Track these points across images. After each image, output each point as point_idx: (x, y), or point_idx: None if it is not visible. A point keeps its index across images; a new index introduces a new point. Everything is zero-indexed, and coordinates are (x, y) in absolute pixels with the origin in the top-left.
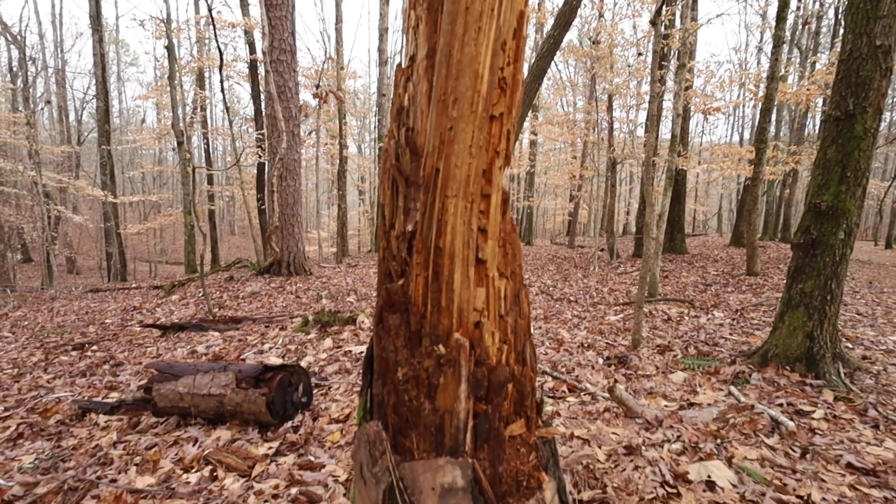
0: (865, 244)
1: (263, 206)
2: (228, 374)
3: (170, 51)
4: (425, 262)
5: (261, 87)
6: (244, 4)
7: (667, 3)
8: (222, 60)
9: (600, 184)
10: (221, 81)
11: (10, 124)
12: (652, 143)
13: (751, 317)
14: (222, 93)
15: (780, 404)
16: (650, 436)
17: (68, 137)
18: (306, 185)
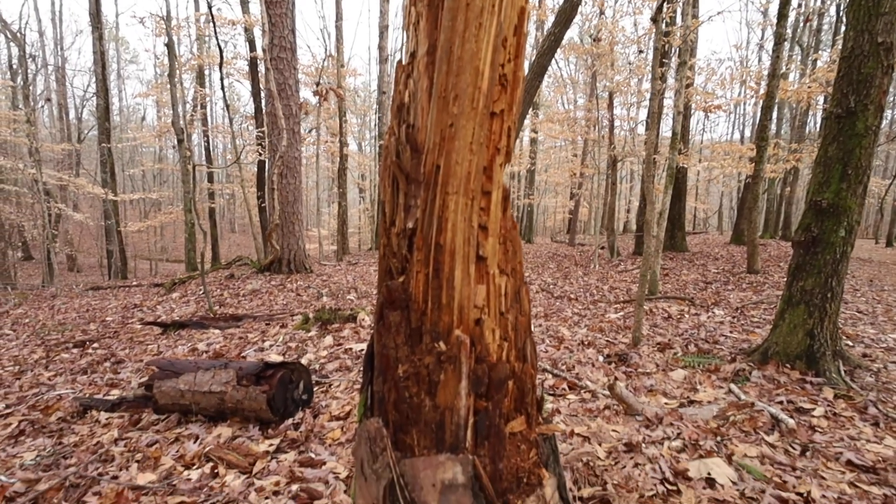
0: (866, 242)
1: (264, 204)
2: (229, 372)
3: (170, 48)
4: (426, 259)
5: (261, 85)
6: (244, 2)
7: (668, 0)
8: (222, 58)
9: (601, 182)
10: (221, 79)
11: (11, 122)
12: (653, 140)
13: (751, 315)
14: (222, 90)
15: (781, 402)
16: (650, 433)
17: (68, 135)
18: (307, 183)
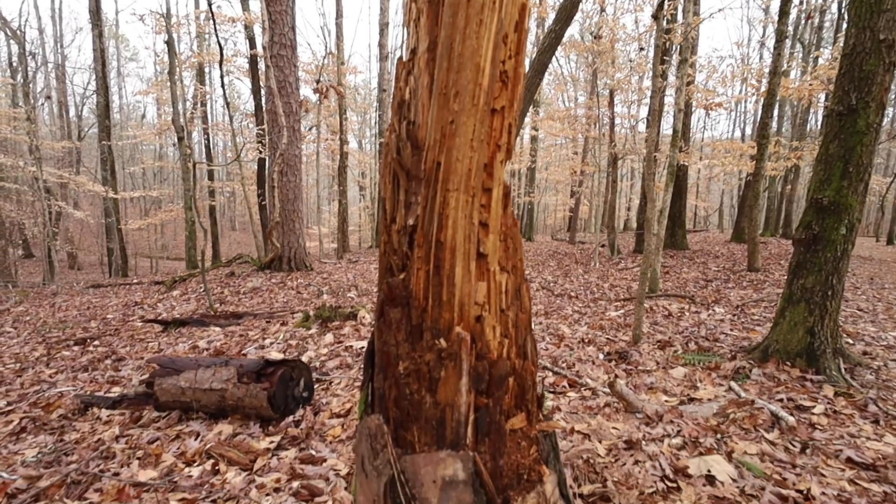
0: (867, 240)
1: (264, 202)
2: (230, 369)
3: (170, 46)
4: (426, 256)
5: (261, 83)
6: None
7: None
8: (222, 55)
9: (601, 179)
10: (222, 77)
11: (11, 120)
12: (653, 138)
13: (751, 313)
14: (222, 88)
15: (781, 399)
16: (650, 430)
17: (69, 133)
18: (307, 181)
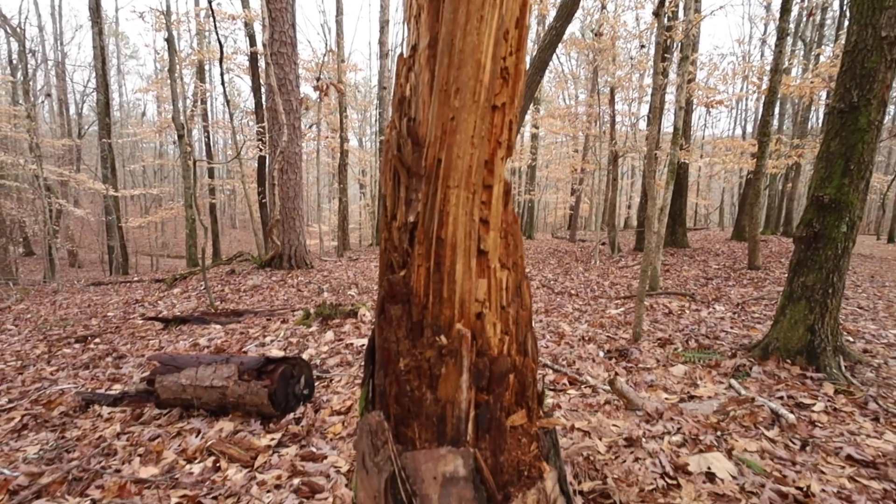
0: (867, 238)
1: (264, 200)
2: (231, 367)
3: (170, 43)
4: (427, 252)
5: (261, 80)
6: None
7: None
8: (222, 53)
9: (602, 177)
10: (222, 74)
11: (11, 117)
12: (654, 136)
13: (752, 310)
14: (223, 86)
15: (781, 397)
16: (650, 428)
17: (69, 131)
18: (307, 179)
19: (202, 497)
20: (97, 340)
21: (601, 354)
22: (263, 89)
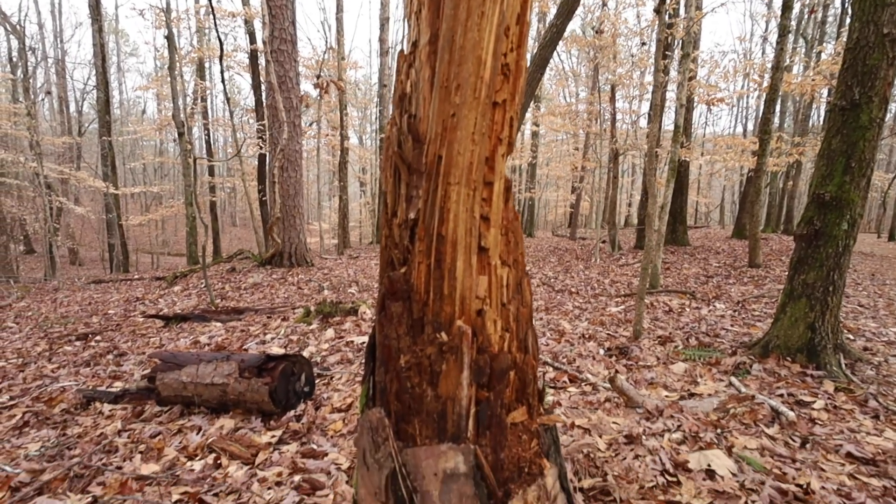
0: (868, 236)
1: (265, 198)
2: (231, 364)
3: (170, 41)
4: (427, 249)
5: (261, 78)
6: None
7: None
8: (222, 50)
9: (602, 175)
10: (222, 72)
11: (11, 115)
12: (655, 133)
13: (752, 308)
14: (223, 83)
15: (781, 395)
16: (651, 425)
17: (69, 128)
18: (307, 177)
19: (203, 494)
20: (98, 338)
21: (601, 352)
22: (263, 87)
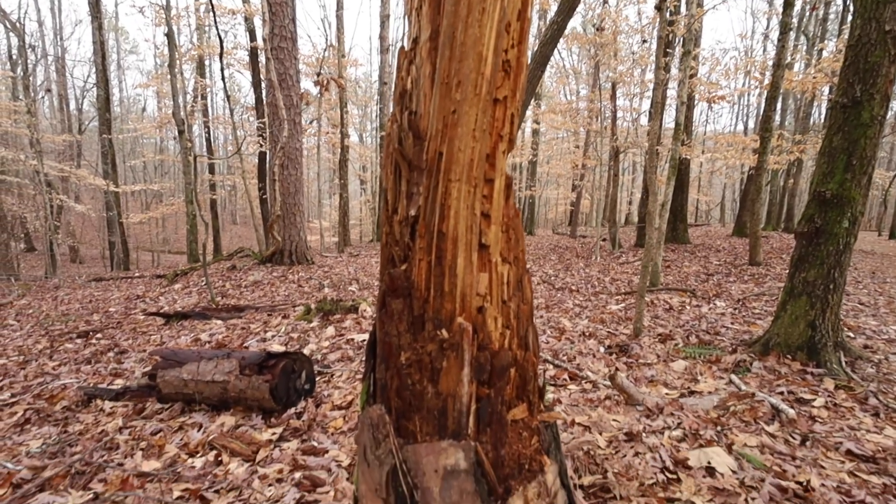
0: (869, 234)
1: (265, 196)
2: (232, 361)
3: (170, 38)
4: (428, 246)
5: (261, 75)
6: None
7: None
8: (222, 48)
9: (603, 173)
10: (222, 69)
11: (11, 113)
12: (655, 131)
13: (752, 306)
14: (223, 81)
15: (781, 392)
16: (651, 423)
17: (69, 126)
18: (308, 175)
19: (204, 490)
20: (99, 336)
21: (602, 350)
22: (264, 84)
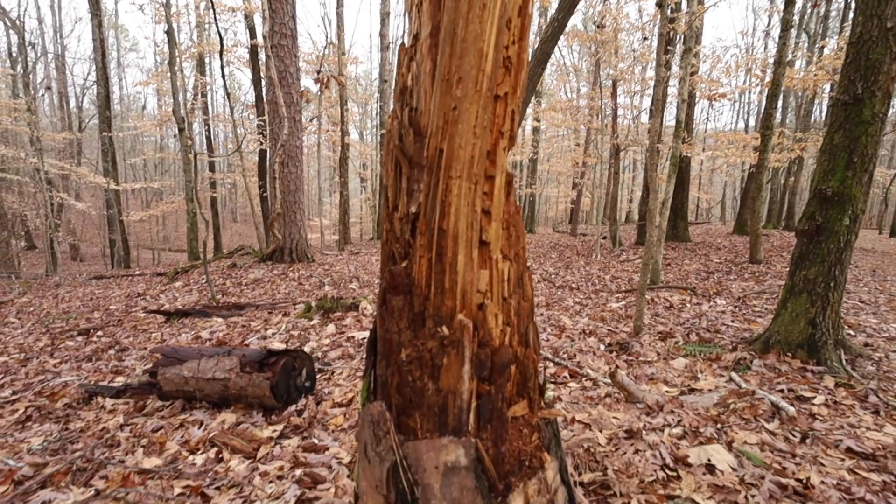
0: (870, 232)
1: (265, 194)
2: (232, 359)
3: (169, 36)
4: (429, 243)
5: (262, 73)
6: None
7: None
8: (223, 45)
9: (603, 171)
10: (222, 67)
11: (11, 110)
12: (656, 129)
13: (753, 304)
14: (223, 78)
15: (781, 390)
16: (651, 420)
17: (69, 124)
18: (308, 173)
19: (205, 487)
20: (100, 333)
21: (602, 348)
22: (264, 82)
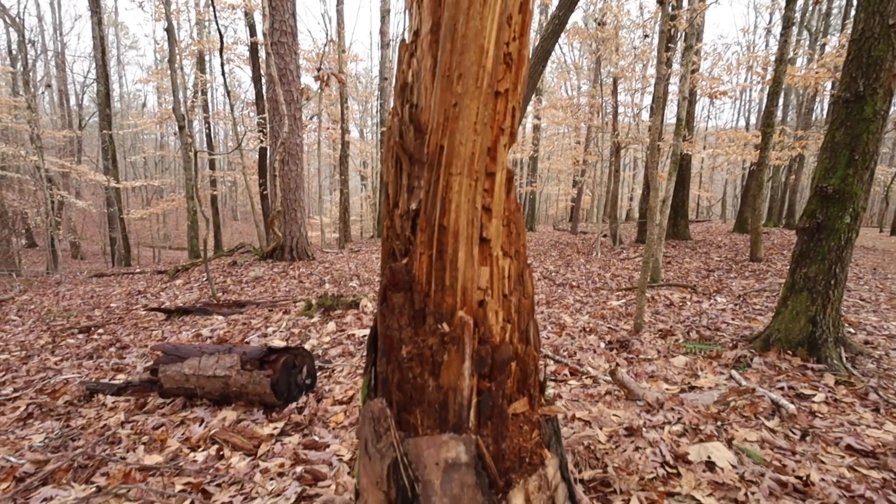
0: (871, 230)
1: (266, 191)
2: (233, 356)
3: (170, 33)
4: (429, 240)
5: (262, 71)
6: None
7: None
8: (223, 43)
9: (604, 169)
10: (222, 65)
11: (11, 108)
12: (657, 126)
13: (753, 302)
14: (223, 76)
15: (781, 388)
16: (651, 418)
17: (69, 122)
18: (308, 171)
19: (206, 484)
20: (101, 331)
21: (602, 345)
22: (264, 80)
